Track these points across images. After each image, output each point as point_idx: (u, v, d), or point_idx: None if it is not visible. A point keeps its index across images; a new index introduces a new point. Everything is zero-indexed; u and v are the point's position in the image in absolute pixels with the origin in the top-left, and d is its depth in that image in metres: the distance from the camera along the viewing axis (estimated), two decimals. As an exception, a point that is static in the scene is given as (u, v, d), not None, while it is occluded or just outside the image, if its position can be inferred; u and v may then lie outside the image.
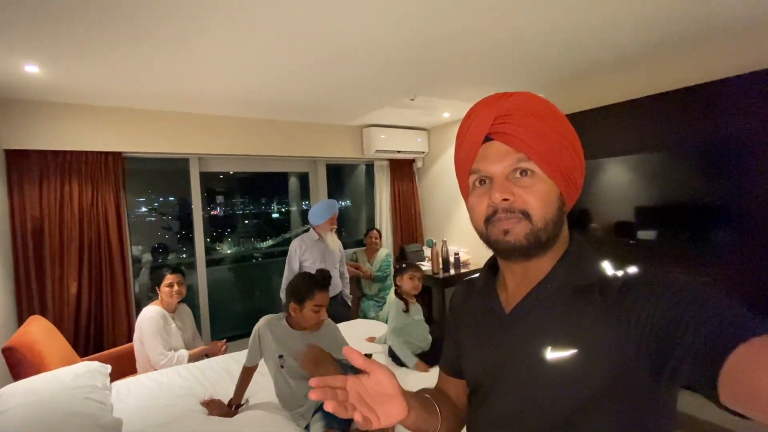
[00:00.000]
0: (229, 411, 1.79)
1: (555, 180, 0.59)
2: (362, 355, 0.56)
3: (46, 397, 1.54)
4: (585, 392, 0.54)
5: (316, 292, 1.71)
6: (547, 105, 0.61)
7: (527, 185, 0.58)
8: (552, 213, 0.58)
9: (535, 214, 0.57)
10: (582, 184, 0.63)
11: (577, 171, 0.61)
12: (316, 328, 1.79)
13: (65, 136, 2.59)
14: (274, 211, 4.35)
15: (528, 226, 0.58)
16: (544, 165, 0.58)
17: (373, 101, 3.05)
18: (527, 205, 0.58)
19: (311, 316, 1.71)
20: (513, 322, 0.64)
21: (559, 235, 0.61)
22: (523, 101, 0.60)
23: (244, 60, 2.08)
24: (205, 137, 3.13)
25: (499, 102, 0.60)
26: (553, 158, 0.58)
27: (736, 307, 0.45)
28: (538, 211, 0.58)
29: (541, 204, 0.58)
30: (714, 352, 0.42)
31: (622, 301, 0.53)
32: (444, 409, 0.71)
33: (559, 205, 0.60)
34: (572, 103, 2.85)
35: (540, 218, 0.57)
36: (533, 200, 0.58)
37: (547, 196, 0.58)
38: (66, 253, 2.58)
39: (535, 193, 0.58)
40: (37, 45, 1.76)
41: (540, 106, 0.60)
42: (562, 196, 0.60)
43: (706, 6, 1.74)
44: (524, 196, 0.58)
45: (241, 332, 3.57)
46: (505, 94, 0.61)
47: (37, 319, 2.16)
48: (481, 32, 1.90)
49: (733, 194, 2.09)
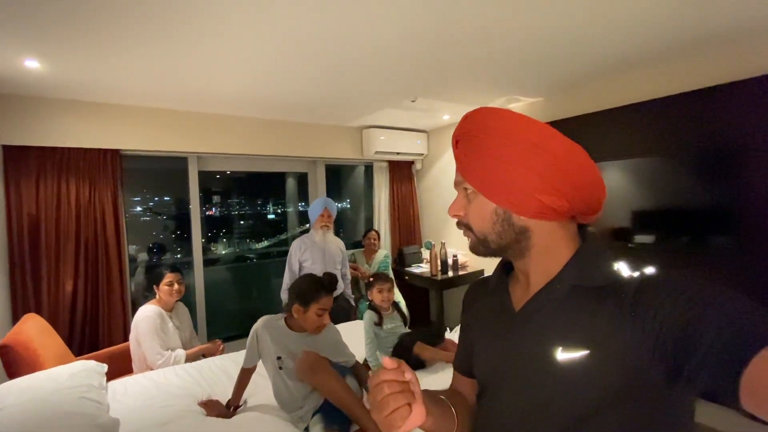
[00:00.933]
0: (227, 412, 1.77)
1: (489, 197, 0.63)
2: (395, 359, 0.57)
3: (41, 396, 1.52)
4: (596, 394, 0.53)
5: (322, 295, 1.69)
6: (491, 120, 0.62)
7: (470, 202, 0.67)
8: (487, 227, 0.64)
9: (474, 228, 0.66)
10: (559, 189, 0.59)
11: (525, 182, 0.59)
12: (316, 331, 1.76)
13: (63, 132, 2.57)
14: (270, 211, 4.33)
15: (473, 237, 0.67)
16: (479, 186, 0.64)
17: (374, 102, 3.06)
18: (468, 220, 0.67)
19: (314, 319, 1.70)
20: (522, 320, 0.64)
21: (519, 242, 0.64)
22: (471, 124, 0.65)
23: (246, 59, 2.08)
24: (205, 136, 3.11)
25: (461, 123, 0.67)
26: (488, 177, 0.62)
27: (758, 309, 0.44)
28: (476, 226, 0.66)
29: (476, 220, 0.66)
30: (735, 355, 0.41)
31: (638, 302, 0.52)
32: (460, 411, 0.71)
33: (496, 219, 0.63)
34: (572, 106, 2.87)
35: (478, 232, 0.66)
36: (470, 217, 0.67)
37: (481, 213, 0.65)
38: (62, 250, 2.55)
39: (472, 211, 0.66)
40: (38, 40, 1.75)
41: (482, 124, 0.63)
42: (504, 209, 0.63)
43: (704, 12, 1.75)
44: (468, 213, 0.67)
45: (237, 332, 3.55)
46: (468, 113, 0.66)
47: (32, 317, 2.14)
48: (483, 36, 1.91)
49: (731, 198, 2.10)
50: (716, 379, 0.43)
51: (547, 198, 0.59)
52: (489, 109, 0.64)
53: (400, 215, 4.32)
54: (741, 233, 2.08)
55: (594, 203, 0.62)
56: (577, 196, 0.60)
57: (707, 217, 2.19)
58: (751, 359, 0.40)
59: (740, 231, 2.08)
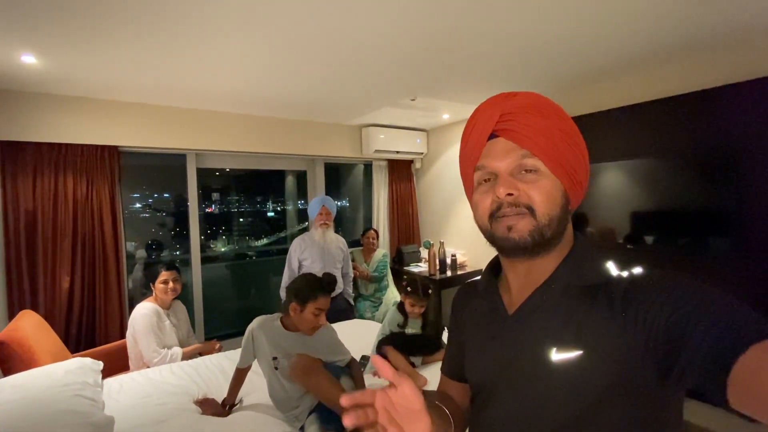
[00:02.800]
0: (222, 410, 1.76)
1: (559, 177, 0.59)
2: (391, 367, 0.50)
3: (36, 393, 1.51)
4: (590, 394, 0.53)
5: (319, 295, 1.67)
6: (552, 104, 0.62)
7: (532, 181, 0.58)
8: (556, 210, 0.58)
9: (539, 210, 0.57)
10: (586, 185, 0.63)
11: (581, 170, 0.61)
12: (312, 331, 1.74)
13: (61, 128, 2.56)
14: (269, 209, 4.32)
15: (532, 222, 0.57)
16: (549, 161, 0.58)
17: (374, 101, 3.04)
18: (531, 201, 0.58)
19: (311, 319, 1.68)
20: (516, 322, 0.63)
21: (563, 233, 0.61)
22: (528, 100, 0.61)
23: (246, 56, 2.06)
24: (204, 133, 3.10)
25: (505, 101, 0.61)
26: (558, 155, 0.58)
27: (745, 308, 0.45)
28: (542, 207, 0.57)
29: (545, 200, 0.58)
30: (724, 353, 0.42)
31: (629, 302, 0.53)
32: (455, 415, 0.70)
33: (563, 202, 0.59)
34: (571, 107, 2.86)
35: (544, 214, 0.57)
36: (537, 196, 0.58)
37: (551, 192, 0.58)
38: (59, 247, 2.54)
39: (539, 188, 0.58)
40: (34, 35, 1.73)
41: (545, 104, 0.61)
42: (566, 193, 0.60)
43: (703, 14, 1.74)
44: (528, 192, 0.58)
45: (235, 330, 3.54)
46: (510, 93, 0.63)
47: (28, 313, 2.13)
48: (483, 35, 1.90)
49: (729, 200, 2.10)
50: (704, 377, 0.43)
51: (583, 186, 0.62)
52: (539, 95, 0.63)
53: (399, 214, 4.31)
54: (739, 235, 2.07)
55: None
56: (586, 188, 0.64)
57: (705, 219, 2.18)
58: (739, 357, 0.40)
59: (738, 233, 2.08)
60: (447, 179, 4.07)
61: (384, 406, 0.50)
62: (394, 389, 0.50)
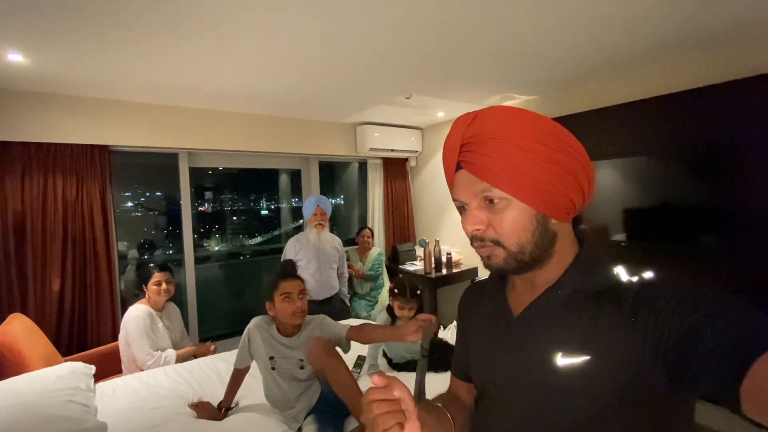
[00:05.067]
0: (218, 414, 1.75)
1: (528, 201, 0.57)
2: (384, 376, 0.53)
3: (26, 399, 1.48)
4: (598, 401, 0.53)
5: (279, 281, 1.68)
6: (514, 121, 0.57)
7: (498, 212, 0.58)
8: (527, 236, 0.58)
9: (506, 242, 0.58)
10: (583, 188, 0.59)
11: (561, 182, 0.56)
12: (297, 319, 1.70)
13: (49, 127, 2.50)
14: (263, 208, 4.29)
15: (503, 252, 0.58)
16: (511, 190, 0.56)
17: (369, 99, 3.02)
18: (497, 234, 0.58)
19: (284, 306, 1.66)
20: (521, 325, 0.63)
21: (549, 248, 0.60)
22: (483, 125, 0.58)
23: (237, 54, 2.03)
24: (196, 132, 3.06)
25: (467, 127, 0.59)
26: (521, 180, 0.56)
27: (758, 314, 0.44)
28: (510, 238, 0.58)
29: (510, 231, 0.58)
30: (736, 360, 0.41)
31: (638, 307, 0.52)
32: (457, 416, 0.70)
33: (535, 226, 0.58)
34: (566, 105, 2.86)
35: (513, 244, 0.58)
36: (502, 229, 0.58)
37: (517, 221, 0.57)
38: (49, 248, 2.50)
39: (503, 222, 0.58)
40: (21, 32, 1.69)
41: (502, 126, 0.57)
42: (540, 215, 0.58)
43: (698, 11, 1.75)
44: (494, 225, 0.58)
45: (229, 331, 3.52)
46: (470, 115, 0.59)
47: (17, 317, 2.09)
48: (478, 33, 1.89)
49: (723, 198, 2.11)
50: (717, 384, 0.43)
51: (576, 196, 0.58)
52: (504, 108, 0.58)
53: (394, 213, 4.30)
54: (732, 233, 2.09)
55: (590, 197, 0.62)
56: (590, 191, 0.60)
57: (699, 217, 2.20)
58: (753, 364, 0.40)
59: (731, 230, 2.10)
60: (442, 177, 4.06)
61: None
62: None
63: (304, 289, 1.73)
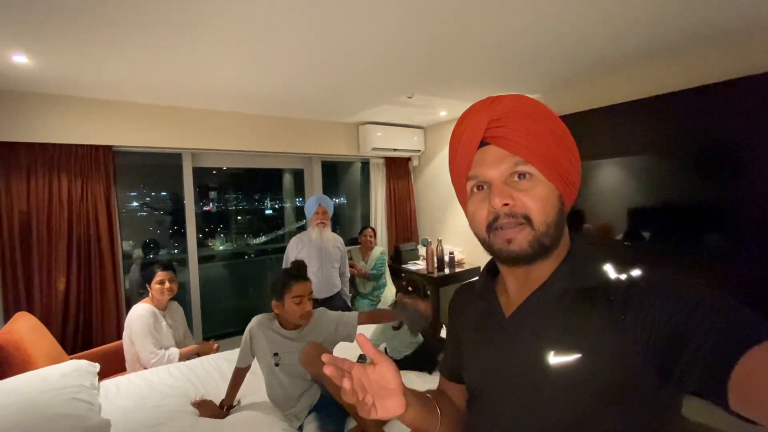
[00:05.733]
0: (220, 412, 1.76)
1: (554, 181, 0.58)
2: (373, 345, 0.58)
3: (31, 397, 1.50)
4: (589, 398, 0.53)
5: (292, 283, 1.68)
6: (540, 106, 0.61)
7: (526, 188, 0.57)
8: (553, 216, 0.57)
9: (536, 219, 0.57)
10: (579, 185, 0.62)
11: (574, 170, 0.60)
12: (304, 321, 1.74)
13: (54, 128, 2.53)
14: (267, 207, 4.31)
15: (530, 233, 0.57)
16: (543, 167, 0.57)
17: (371, 98, 3.03)
18: (528, 209, 0.57)
19: (294, 308, 1.67)
20: (513, 325, 0.63)
21: (560, 237, 0.60)
22: (515, 104, 0.59)
23: (241, 54, 2.04)
24: (199, 132, 3.07)
25: (492, 106, 0.60)
26: (551, 160, 0.57)
27: (745, 310, 0.45)
28: (540, 215, 0.57)
29: (541, 207, 0.57)
30: (724, 356, 0.41)
31: (627, 305, 0.52)
32: (444, 409, 0.70)
33: (559, 207, 0.59)
34: (568, 104, 2.85)
35: (541, 222, 0.57)
36: (534, 204, 0.57)
37: (547, 198, 0.57)
38: (54, 248, 2.52)
39: (535, 196, 0.57)
40: (26, 34, 1.71)
41: (533, 107, 0.60)
42: (561, 197, 0.59)
43: (702, 9, 1.74)
44: (524, 200, 0.57)
45: (233, 330, 3.54)
46: (496, 97, 0.61)
47: (23, 315, 2.12)
48: (479, 32, 1.88)
49: (727, 197, 2.10)
50: (705, 379, 0.43)
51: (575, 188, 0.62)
52: (525, 96, 0.61)
53: (397, 212, 4.30)
54: (735, 232, 2.07)
55: None
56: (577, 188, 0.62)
57: (703, 216, 2.18)
58: (740, 359, 0.40)
59: (735, 229, 2.08)
60: (444, 177, 4.06)
61: (358, 376, 0.57)
62: (373, 366, 0.57)
63: (312, 291, 1.75)
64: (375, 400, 0.56)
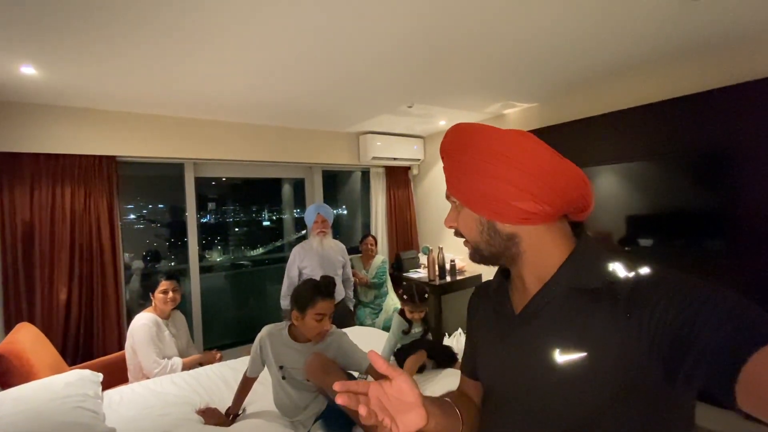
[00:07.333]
0: (226, 420, 1.74)
1: (474, 209, 0.65)
2: (386, 361, 0.56)
3: (37, 406, 1.49)
4: (596, 396, 0.53)
5: (318, 299, 1.62)
6: (476, 137, 0.64)
7: (459, 214, 0.69)
8: (476, 236, 0.66)
9: (468, 238, 0.68)
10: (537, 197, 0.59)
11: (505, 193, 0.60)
12: (319, 338, 1.69)
13: (58, 139, 2.55)
14: (265, 218, 4.31)
15: (470, 246, 0.69)
16: (460, 198, 0.67)
17: (371, 108, 3.07)
18: (462, 231, 0.69)
19: (313, 325, 1.63)
20: (522, 322, 0.64)
21: (509, 248, 0.64)
22: (451, 137, 0.68)
23: (243, 66, 2.08)
24: (202, 142, 3.10)
25: (443, 141, 0.70)
26: (464, 189, 0.65)
27: (754, 308, 0.44)
28: (469, 236, 0.68)
29: (465, 231, 0.68)
30: (732, 354, 0.41)
31: (634, 303, 0.52)
32: (465, 413, 0.70)
33: (483, 227, 0.65)
34: (567, 111, 2.90)
35: (471, 240, 0.68)
36: (462, 228, 0.69)
37: (467, 223, 0.67)
38: (56, 258, 2.52)
39: (461, 222, 0.69)
40: (34, 46, 1.74)
41: (465, 140, 0.65)
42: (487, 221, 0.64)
43: (698, 17, 1.79)
44: (459, 224, 0.69)
45: (234, 340, 3.51)
46: (447, 132, 0.70)
47: (25, 326, 2.10)
48: (478, 43, 1.93)
49: (725, 202, 2.13)
50: (713, 378, 0.43)
51: (526, 204, 0.60)
52: (462, 126, 0.67)
53: (398, 220, 4.32)
54: (734, 237, 2.10)
55: (579, 201, 0.62)
56: (558, 199, 0.60)
57: (701, 221, 2.21)
58: (748, 359, 0.40)
59: (734, 234, 2.10)
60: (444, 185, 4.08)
61: (377, 395, 0.56)
62: (389, 382, 0.56)
63: (333, 311, 1.70)
64: (395, 416, 0.54)
